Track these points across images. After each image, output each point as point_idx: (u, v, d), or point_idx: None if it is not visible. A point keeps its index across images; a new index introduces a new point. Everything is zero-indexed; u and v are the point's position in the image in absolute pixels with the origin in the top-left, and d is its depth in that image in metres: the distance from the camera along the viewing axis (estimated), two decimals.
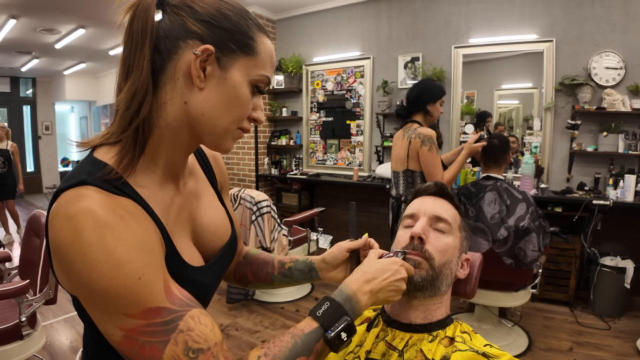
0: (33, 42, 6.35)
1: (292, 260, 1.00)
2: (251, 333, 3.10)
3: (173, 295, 0.60)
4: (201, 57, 0.63)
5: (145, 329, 0.56)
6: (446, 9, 4.29)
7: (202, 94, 0.66)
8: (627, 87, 3.50)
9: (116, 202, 0.59)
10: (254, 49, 0.68)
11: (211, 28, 0.65)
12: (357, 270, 0.81)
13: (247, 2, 4.92)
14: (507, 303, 2.73)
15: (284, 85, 5.32)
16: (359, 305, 0.75)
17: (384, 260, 0.83)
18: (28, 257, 2.37)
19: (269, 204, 3.40)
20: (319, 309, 0.71)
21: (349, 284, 0.77)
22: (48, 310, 3.36)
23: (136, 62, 0.63)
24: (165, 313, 0.57)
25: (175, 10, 0.65)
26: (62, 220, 0.56)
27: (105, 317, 0.57)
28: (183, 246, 0.73)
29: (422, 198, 1.08)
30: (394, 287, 0.80)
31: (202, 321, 0.60)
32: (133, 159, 0.64)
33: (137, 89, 0.63)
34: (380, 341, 0.94)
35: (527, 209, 2.50)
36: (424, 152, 2.60)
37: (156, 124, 0.67)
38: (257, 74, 0.68)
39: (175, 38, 0.64)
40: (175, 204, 0.74)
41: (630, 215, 3.53)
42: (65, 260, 0.56)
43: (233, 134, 0.71)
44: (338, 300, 0.73)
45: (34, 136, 10.20)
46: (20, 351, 2.01)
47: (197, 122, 0.68)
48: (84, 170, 0.62)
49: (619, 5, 3.47)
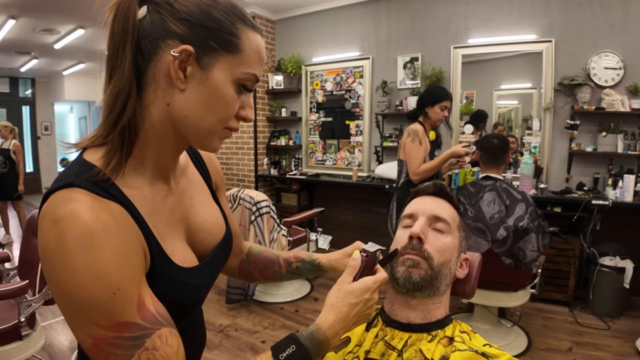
0: (32, 42, 6.35)
1: (298, 260, 1.02)
2: (250, 333, 3.10)
3: (146, 311, 0.60)
4: (180, 57, 0.62)
5: (113, 341, 0.57)
6: (445, 10, 4.29)
7: (183, 96, 0.64)
8: (626, 87, 3.50)
9: (103, 206, 0.59)
10: (237, 47, 0.65)
11: (191, 27, 0.63)
12: (330, 309, 0.75)
13: (246, 3, 4.92)
14: (507, 303, 2.73)
15: (283, 86, 5.32)
16: (327, 349, 0.72)
17: (356, 290, 0.76)
18: (27, 258, 2.36)
19: (269, 204, 3.40)
20: (283, 351, 0.67)
21: (322, 328, 0.72)
22: (47, 311, 3.35)
23: (118, 62, 0.62)
24: (134, 328, 0.58)
25: (156, 8, 0.63)
26: (49, 224, 0.57)
27: (77, 323, 0.58)
28: (175, 247, 0.73)
29: (421, 198, 1.08)
30: (365, 315, 0.77)
31: (169, 342, 0.60)
32: (121, 161, 0.64)
33: (119, 91, 0.62)
34: (379, 341, 0.94)
35: (526, 209, 2.50)
36: (407, 143, 2.89)
37: (141, 125, 0.66)
38: (241, 73, 0.66)
39: (155, 38, 0.63)
40: (167, 204, 0.74)
41: (630, 215, 3.53)
42: (47, 264, 0.57)
43: (219, 134, 0.69)
44: (306, 345, 0.69)
45: (33, 136, 10.19)
46: (19, 352, 2.01)
47: (180, 124, 0.67)
48: (72, 172, 0.62)
49: (618, 5, 3.47)
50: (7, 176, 5.37)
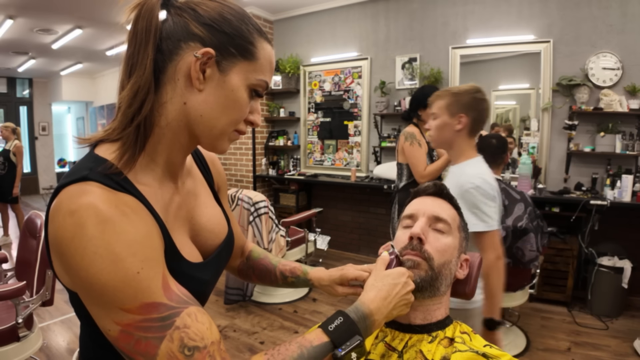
0: (30, 42, 6.34)
1: (293, 276, 1.04)
2: (249, 334, 3.10)
3: (171, 291, 0.60)
4: (201, 59, 0.65)
5: (141, 324, 0.56)
6: (443, 10, 4.29)
7: (201, 96, 0.67)
8: (624, 87, 3.51)
9: (118, 197, 0.60)
10: (253, 54, 0.69)
11: (213, 32, 0.66)
12: (371, 288, 0.81)
13: (245, 3, 4.91)
14: (505, 303, 2.73)
15: (281, 86, 5.31)
16: (374, 325, 0.75)
17: (393, 273, 0.83)
18: (25, 259, 2.35)
19: (267, 204, 3.39)
20: (332, 322, 0.71)
21: (366, 302, 0.77)
22: (45, 312, 3.34)
23: (139, 60, 0.64)
24: (162, 309, 0.58)
25: (179, 12, 0.67)
26: (64, 215, 0.56)
27: (102, 311, 0.58)
28: (182, 243, 0.75)
29: (421, 198, 1.08)
30: (405, 300, 0.82)
31: (199, 319, 0.60)
32: (133, 156, 0.65)
33: (139, 87, 0.64)
34: (380, 342, 0.94)
35: (525, 209, 2.50)
36: (407, 147, 2.88)
37: (157, 122, 0.68)
38: (255, 79, 0.70)
39: (177, 39, 0.66)
40: (174, 202, 0.76)
41: (628, 215, 3.54)
42: (65, 255, 0.56)
43: (229, 135, 0.73)
44: (352, 317, 0.73)
45: (31, 137, 10.16)
46: (16, 353, 2.00)
47: (195, 123, 0.69)
48: (85, 166, 0.62)
49: (616, 6, 3.48)
50: (5, 178, 5.28)
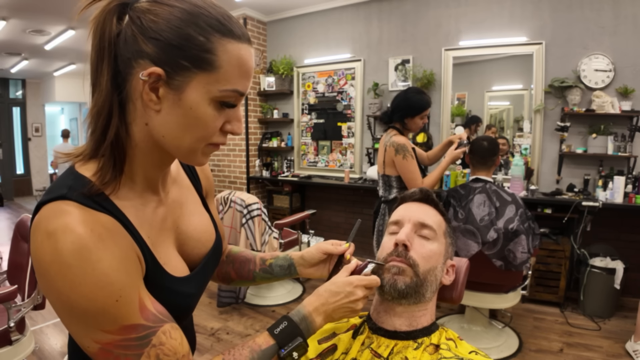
0: (22, 43, 6.30)
1: (273, 257, 1.04)
2: (242, 336, 3.09)
3: (148, 312, 0.63)
4: (149, 81, 0.59)
5: (121, 343, 0.60)
6: (436, 12, 4.30)
7: (159, 116, 0.62)
8: (616, 89, 3.52)
9: (95, 218, 0.60)
10: (212, 64, 0.60)
11: (160, 46, 0.59)
12: (316, 291, 0.86)
13: (237, 4, 4.91)
14: (497, 304, 2.74)
15: (274, 87, 5.31)
16: (313, 325, 0.81)
17: (339, 282, 0.86)
18: (16, 262, 2.34)
19: (260, 207, 3.39)
20: (277, 327, 0.78)
21: (305, 305, 0.83)
22: (38, 315, 3.32)
23: (98, 80, 0.61)
24: (140, 329, 0.61)
25: (131, 25, 0.60)
26: (42, 236, 0.57)
27: (82, 331, 0.59)
28: (167, 256, 0.74)
29: (407, 204, 1.08)
30: (348, 308, 0.84)
31: (173, 335, 0.65)
32: (115, 177, 0.64)
33: (98, 111, 0.61)
34: (366, 349, 0.94)
35: (516, 211, 2.51)
36: (399, 161, 2.66)
37: (128, 143, 0.66)
38: (219, 90, 0.61)
39: (128, 58, 0.60)
40: (158, 214, 0.75)
41: (620, 216, 3.56)
42: (45, 277, 0.57)
43: (203, 150, 0.67)
44: (295, 320, 0.80)
45: (24, 138, 10.10)
46: (9, 357, 1.99)
47: (161, 143, 0.65)
48: (64, 184, 0.62)
49: (608, 7, 3.49)
50: None
